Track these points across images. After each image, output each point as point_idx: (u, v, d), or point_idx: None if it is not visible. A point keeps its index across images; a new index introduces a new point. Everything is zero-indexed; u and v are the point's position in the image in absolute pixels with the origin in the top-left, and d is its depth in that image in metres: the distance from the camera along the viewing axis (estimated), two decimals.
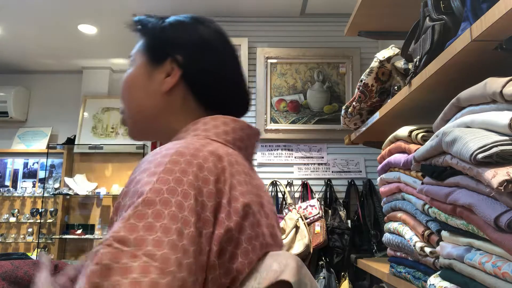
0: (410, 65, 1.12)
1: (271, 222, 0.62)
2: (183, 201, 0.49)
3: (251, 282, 0.51)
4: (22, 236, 3.93)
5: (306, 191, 2.67)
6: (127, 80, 0.73)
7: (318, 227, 2.35)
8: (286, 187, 2.67)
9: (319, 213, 2.40)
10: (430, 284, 0.79)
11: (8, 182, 4.16)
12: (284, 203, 2.58)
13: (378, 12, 1.48)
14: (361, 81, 1.40)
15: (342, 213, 2.48)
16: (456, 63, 0.81)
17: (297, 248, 2.24)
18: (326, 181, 2.68)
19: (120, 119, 0.76)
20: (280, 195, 2.65)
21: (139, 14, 0.74)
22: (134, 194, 0.49)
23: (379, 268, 1.29)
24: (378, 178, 1.25)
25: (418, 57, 0.98)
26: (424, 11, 0.98)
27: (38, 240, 3.78)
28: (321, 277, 2.29)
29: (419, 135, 0.98)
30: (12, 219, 3.91)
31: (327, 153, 2.80)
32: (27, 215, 3.94)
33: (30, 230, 3.93)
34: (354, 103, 1.47)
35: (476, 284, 0.66)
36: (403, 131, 1.05)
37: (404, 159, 1.04)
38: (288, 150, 2.81)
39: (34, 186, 4.10)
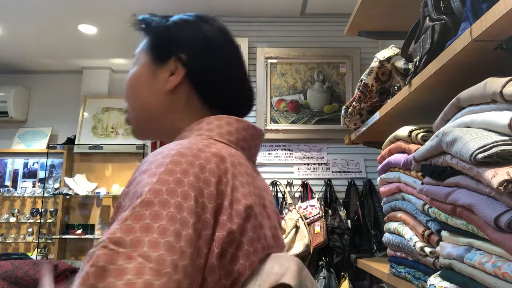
0: (410, 65, 1.12)
1: (274, 224, 0.62)
2: (183, 202, 0.48)
3: (252, 285, 0.51)
4: (22, 236, 3.93)
5: (306, 191, 2.67)
6: (131, 79, 0.72)
7: (318, 227, 2.35)
8: (286, 187, 2.67)
9: (319, 213, 2.40)
10: (430, 284, 0.79)
11: (8, 182, 4.16)
12: (284, 203, 2.58)
13: (378, 12, 1.48)
14: (361, 81, 1.40)
15: (342, 213, 2.48)
16: (456, 63, 0.81)
17: (297, 248, 2.24)
18: (326, 181, 2.68)
19: (124, 118, 0.76)
20: (280, 195, 2.65)
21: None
22: (134, 195, 0.49)
23: (379, 268, 1.29)
24: (378, 178, 1.25)
25: (418, 57, 0.97)
26: (424, 11, 0.98)
27: (38, 240, 3.78)
28: (321, 277, 2.29)
29: (419, 135, 0.98)
30: (12, 219, 3.91)
31: (327, 153, 2.80)
32: (27, 215, 3.94)
33: (30, 230, 3.93)
34: (354, 103, 1.47)
35: (476, 284, 0.66)
36: (403, 131, 1.05)
37: (404, 159, 1.04)
38: (288, 150, 2.81)
39: (34, 186, 4.10)
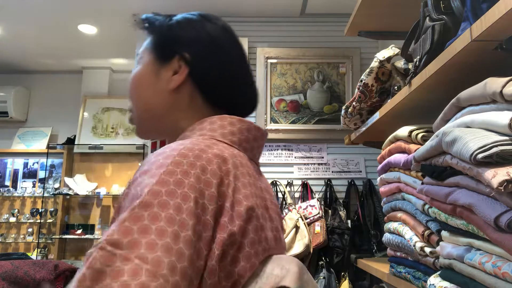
0: (410, 65, 1.12)
1: (275, 225, 0.62)
2: (182, 204, 0.48)
3: (252, 287, 0.51)
4: (22, 236, 3.93)
5: (306, 191, 2.67)
6: (135, 78, 0.72)
7: (318, 227, 2.35)
8: (286, 187, 2.67)
9: (319, 213, 2.40)
10: (430, 284, 0.79)
11: (8, 182, 4.16)
12: (284, 203, 2.58)
13: (378, 12, 1.48)
14: (361, 81, 1.40)
15: (342, 213, 2.48)
16: (456, 63, 0.81)
17: (297, 248, 2.24)
18: (326, 181, 2.68)
19: (128, 117, 0.76)
20: (280, 195, 2.65)
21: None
22: (134, 196, 0.49)
23: (379, 268, 1.29)
24: (378, 178, 1.25)
25: (418, 57, 0.97)
26: (424, 11, 0.98)
27: (38, 240, 3.78)
28: (321, 277, 2.29)
29: (419, 135, 0.98)
30: (12, 219, 3.91)
31: (327, 153, 2.80)
32: (27, 215, 3.94)
33: (30, 230, 3.93)
34: (354, 103, 1.47)
35: (476, 284, 0.66)
36: (403, 131, 1.05)
37: (404, 159, 1.04)
38: (288, 150, 2.81)
39: (34, 186, 4.10)
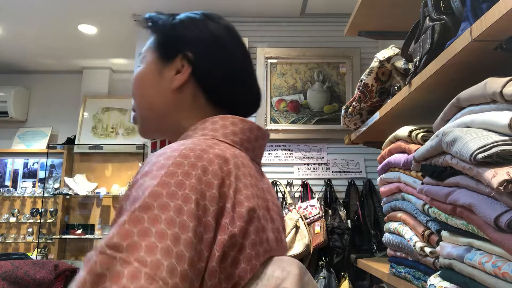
0: (410, 65, 1.12)
1: (277, 226, 0.61)
2: (183, 205, 0.47)
3: None
4: (22, 236, 3.93)
5: (306, 191, 2.67)
6: (138, 77, 0.72)
7: (318, 227, 2.35)
8: (286, 187, 2.67)
9: (319, 213, 2.40)
10: (430, 284, 0.79)
11: (8, 182, 4.16)
12: (284, 203, 2.58)
13: (378, 12, 1.48)
14: (361, 81, 1.40)
15: (342, 213, 2.48)
16: (456, 63, 0.81)
17: (297, 248, 2.24)
18: (326, 181, 2.68)
19: (132, 117, 0.75)
20: (280, 195, 2.65)
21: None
22: (135, 198, 0.49)
23: (379, 268, 1.29)
24: (378, 178, 1.25)
25: (418, 57, 0.97)
26: (424, 11, 0.98)
27: (38, 240, 3.78)
28: (321, 277, 2.29)
29: (419, 135, 0.98)
30: (12, 219, 3.91)
31: (327, 153, 2.80)
32: (27, 215, 3.94)
33: (30, 230, 3.93)
34: (354, 103, 1.47)
35: (476, 284, 0.66)
36: (403, 131, 1.05)
37: (404, 159, 1.04)
38: (288, 150, 2.81)
39: (34, 186, 4.10)
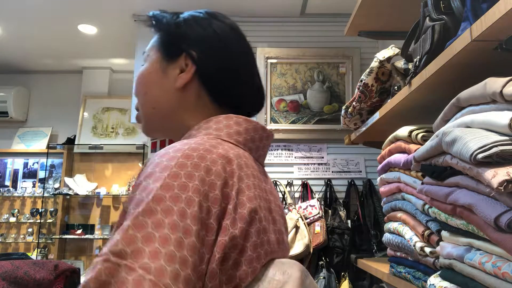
0: (410, 65, 1.12)
1: (279, 228, 0.61)
2: (186, 209, 0.47)
3: None
4: (22, 236, 3.93)
5: (306, 191, 2.67)
6: (142, 76, 0.71)
7: (318, 227, 2.35)
8: (286, 187, 2.67)
9: (319, 213, 2.40)
10: (430, 284, 0.79)
11: (8, 182, 4.16)
12: (284, 203, 2.58)
13: (378, 12, 1.48)
14: (361, 81, 1.40)
15: (342, 213, 2.48)
16: (456, 63, 0.81)
17: (297, 248, 2.24)
18: (326, 181, 2.68)
19: (135, 116, 0.75)
20: (280, 195, 2.65)
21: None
22: (138, 201, 0.48)
23: (379, 268, 1.28)
24: (378, 178, 1.25)
25: (418, 57, 0.97)
26: (424, 11, 0.98)
27: (38, 240, 3.78)
28: (321, 277, 2.29)
29: (419, 135, 0.98)
30: (12, 219, 3.91)
31: (327, 153, 2.80)
32: (27, 215, 3.94)
33: (30, 230, 3.93)
34: (354, 103, 1.47)
35: (476, 284, 0.66)
36: (403, 131, 1.05)
37: (404, 159, 1.04)
38: (288, 150, 2.81)
39: (34, 186, 4.10)
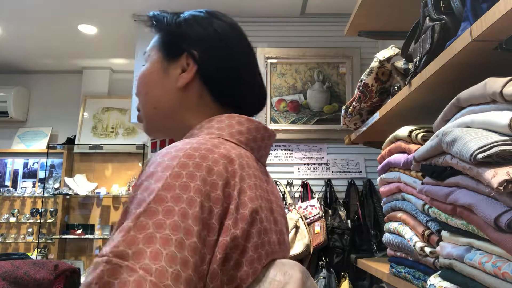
0: (410, 65, 1.12)
1: (280, 228, 0.61)
2: (188, 209, 0.47)
3: None
4: (22, 236, 3.93)
5: (306, 191, 2.67)
6: (143, 76, 0.71)
7: (318, 227, 2.35)
8: (286, 187, 2.67)
9: (319, 213, 2.40)
10: (430, 284, 0.79)
11: (8, 182, 4.16)
12: (284, 203, 2.58)
13: (378, 12, 1.48)
14: (361, 81, 1.40)
15: (342, 213, 2.48)
16: (456, 63, 0.81)
17: (297, 248, 2.24)
18: (326, 181, 2.68)
19: (137, 116, 0.75)
20: (280, 195, 2.65)
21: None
22: (140, 201, 0.48)
23: (379, 268, 1.28)
24: (378, 178, 1.25)
25: (418, 57, 0.97)
26: (424, 11, 0.98)
27: (38, 240, 3.78)
28: (321, 277, 2.29)
29: (419, 135, 0.98)
30: (12, 219, 3.91)
31: (327, 153, 2.80)
32: (27, 215, 3.94)
33: (30, 230, 3.93)
34: (354, 103, 1.47)
35: (476, 284, 0.66)
36: (403, 131, 1.05)
37: (404, 159, 1.04)
38: (288, 150, 2.81)
39: (34, 186, 4.10)
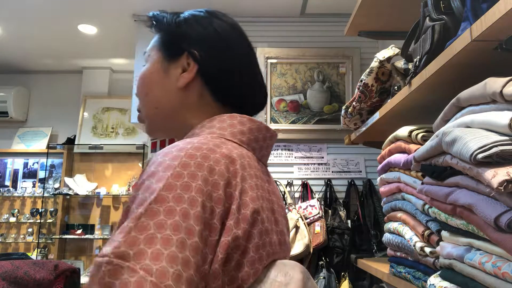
0: (410, 65, 1.12)
1: (281, 229, 0.61)
2: (189, 209, 0.47)
3: None
4: (22, 236, 3.93)
5: (306, 191, 2.67)
6: (143, 77, 0.71)
7: (318, 227, 2.35)
8: (286, 187, 2.67)
9: (319, 213, 2.40)
10: (430, 284, 0.79)
11: (8, 182, 4.16)
12: (284, 203, 2.58)
13: (378, 12, 1.48)
14: (361, 81, 1.40)
15: (342, 213, 2.48)
16: (456, 63, 0.81)
17: (297, 248, 2.24)
18: (326, 181, 2.68)
19: (137, 117, 0.75)
20: (281, 195, 2.64)
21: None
22: (141, 201, 0.48)
23: (379, 268, 1.28)
24: (378, 178, 1.25)
25: (418, 57, 0.97)
26: (424, 11, 0.98)
27: (38, 240, 3.78)
28: (321, 277, 2.29)
29: (419, 135, 0.98)
30: (12, 219, 3.91)
31: (327, 153, 2.80)
32: (27, 215, 3.94)
33: (30, 230, 3.93)
34: (354, 103, 1.47)
35: (476, 284, 0.66)
36: (403, 131, 1.05)
37: (404, 159, 1.04)
38: (288, 150, 2.81)
39: (34, 186, 4.10)
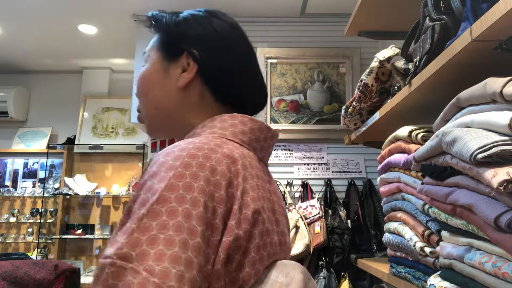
0: (410, 65, 1.12)
1: (282, 229, 0.61)
2: (191, 210, 0.47)
3: None
4: (22, 236, 3.93)
5: (306, 191, 2.67)
6: (143, 77, 0.71)
7: (318, 227, 2.35)
8: (286, 187, 2.67)
9: (319, 213, 2.40)
10: (430, 284, 0.79)
11: (8, 182, 4.16)
12: (284, 203, 2.58)
13: (378, 12, 1.48)
14: (361, 81, 1.40)
15: (342, 213, 2.48)
16: (456, 63, 0.81)
17: (297, 248, 2.24)
18: (326, 181, 2.68)
19: (137, 117, 0.75)
20: (281, 196, 2.64)
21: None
22: (143, 202, 0.48)
23: (379, 268, 1.29)
24: (378, 178, 1.25)
25: (418, 57, 0.97)
26: (424, 11, 0.98)
27: (38, 240, 3.78)
28: (321, 277, 2.29)
29: (419, 135, 0.98)
30: (12, 219, 3.91)
31: (327, 153, 2.80)
32: (27, 215, 3.94)
33: (30, 230, 3.93)
34: (354, 103, 1.47)
35: (476, 284, 0.66)
36: (403, 131, 1.05)
37: (404, 159, 1.04)
38: (288, 150, 2.81)
39: (34, 186, 4.10)
